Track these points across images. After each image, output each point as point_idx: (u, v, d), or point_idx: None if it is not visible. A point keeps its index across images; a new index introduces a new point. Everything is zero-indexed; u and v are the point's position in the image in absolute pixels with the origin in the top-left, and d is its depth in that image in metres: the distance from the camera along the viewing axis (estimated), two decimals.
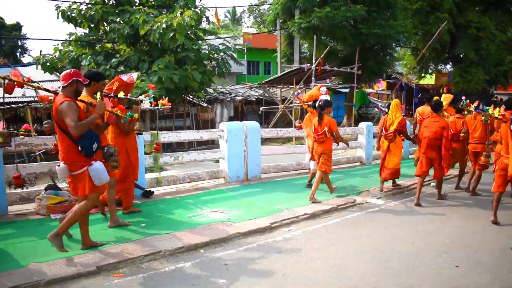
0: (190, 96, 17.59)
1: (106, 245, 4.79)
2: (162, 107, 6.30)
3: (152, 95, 5.88)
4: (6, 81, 4.26)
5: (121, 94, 5.26)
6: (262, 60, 32.87)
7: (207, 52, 16.14)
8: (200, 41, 16.64)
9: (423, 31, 22.55)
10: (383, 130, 8.13)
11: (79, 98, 4.53)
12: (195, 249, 4.90)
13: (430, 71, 25.68)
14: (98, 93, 4.86)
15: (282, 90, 22.49)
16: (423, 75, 25.04)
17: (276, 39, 23.90)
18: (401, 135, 8.03)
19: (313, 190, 7.18)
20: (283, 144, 16.55)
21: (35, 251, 4.55)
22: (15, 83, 4.30)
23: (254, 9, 48.27)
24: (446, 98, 9.18)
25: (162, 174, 8.07)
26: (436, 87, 27.80)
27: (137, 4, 15.96)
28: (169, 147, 16.74)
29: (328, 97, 7.80)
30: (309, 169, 9.93)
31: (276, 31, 22.67)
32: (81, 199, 4.58)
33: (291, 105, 19.34)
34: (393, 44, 20.88)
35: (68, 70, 4.51)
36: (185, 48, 14.97)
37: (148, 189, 7.24)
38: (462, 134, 8.01)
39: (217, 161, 9.20)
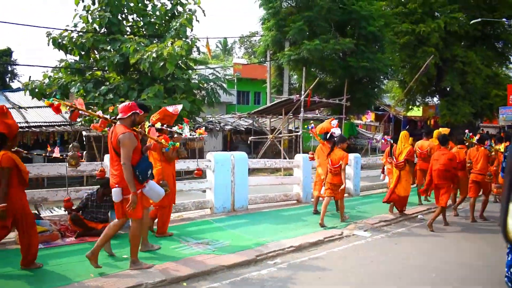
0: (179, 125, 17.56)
1: (87, 277, 4.65)
2: (200, 135, 6.65)
3: (186, 126, 6.28)
4: (72, 109, 4.66)
5: (158, 125, 5.75)
6: (252, 90, 33.20)
7: (197, 81, 16.27)
8: (190, 71, 16.80)
9: (410, 64, 23.07)
10: (394, 159, 8.74)
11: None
12: (178, 282, 4.79)
13: (417, 103, 26.14)
14: (147, 123, 5.43)
15: (272, 120, 22.64)
16: (410, 107, 25.45)
17: (266, 70, 24.23)
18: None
19: (322, 216, 7.59)
20: (272, 174, 16.52)
21: None
22: (80, 111, 4.71)
23: (245, 40, 49.07)
24: (443, 131, 9.99)
25: None
26: (423, 119, 28.23)
27: (128, 33, 16.14)
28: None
29: (339, 130, 8.60)
30: (297, 200, 10.03)
31: (266, 62, 23.00)
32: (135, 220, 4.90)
33: (280, 135, 19.43)
34: (381, 77, 21.30)
35: (127, 103, 4.91)
36: (175, 78, 15.09)
37: None
38: (468, 164, 8.66)
39: (204, 191, 9.12)
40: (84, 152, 6.13)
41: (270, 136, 18.44)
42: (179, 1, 16.76)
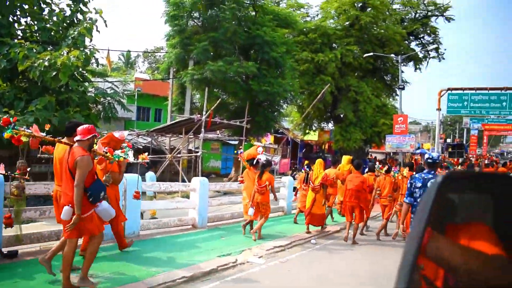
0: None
1: None
2: (142, 160, 6.83)
3: (129, 151, 6.28)
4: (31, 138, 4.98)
5: (95, 147, 5.66)
6: (153, 106, 32.28)
7: (93, 95, 15.36)
8: (86, 83, 15.82)
9: (308, 91, 24.20)
10: (311, 184, 9.99)
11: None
12: None
13: (313, 128, 27.42)
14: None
15: (171, 139, 22.14)
16: (307, 131, 26.62)
17: (168, 87, 23.75)
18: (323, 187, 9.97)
19: (259, 233, 8.71)
20: (169, 195, 16.01)
21: None
22: (36, 138, 5.01)
23: (150, 54, 47.99)
24: (345, 159, 11.44)
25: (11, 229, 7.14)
26: (319, 143, 29.68)
27: (19, 37, 14.79)
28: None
29: (265, 156, 9.90)
30: (192, 225, 9.82)
31: (169, 79, 22.56)
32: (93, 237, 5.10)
33: (179, 155, 19.03)
34: (281, 101, 21.98)
35: (87, 126, 5.13)
36: (69, 89, 14.07)
37: (10, 250, 6.29)
38: (378, 192, 10.06)
39: None
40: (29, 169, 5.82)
41: (169, 156, 17.95)
42: (79, 8, 15.78)
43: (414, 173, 8.76)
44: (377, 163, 13.37)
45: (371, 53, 23.75)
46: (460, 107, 37.03)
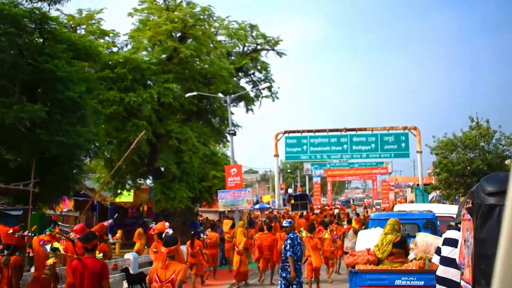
0: None
1: None
2: (116, 241, 9.65)
3: None
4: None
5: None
6: None
7: None
8: None
9: (119, 139, 23.80)
10: (236, 247, 16.85)
11: None
12: None
13: (128, 187, 26.93)
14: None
15: None
16: (119, 191, 25.98)
17: None
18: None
19: None
20: None
21: None
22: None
23: None
24: (227, 223, 18.44)
25: None
26: (135, 205, 29.21)
27: None
28: None
29: (171, 230, 11.92)
30: None
31: None
32: None
33: None
34: (83, 155, 21.09)
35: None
36: None
37: None
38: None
39: None
40: None
41: None
42: None
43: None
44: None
45: (195, 92, 24.62)
46: (300, 151, 40.77)
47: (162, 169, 25.80)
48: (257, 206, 39.67)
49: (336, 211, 46.55)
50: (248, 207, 25.36)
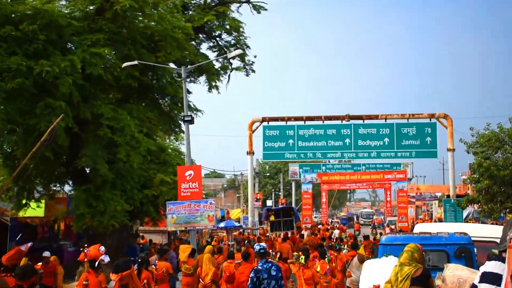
0: None
1: None
2: None
3: None
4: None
5: None
6: None
7: None
8: None
9: (25, 126, 23.38)
10: (202, 281, 17.21)
11: None
12: None
13: (37, 195, 26.60)
14: None
15: None
16: (25, 201, 25.62)
17: None
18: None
19: None
20: None
21: None
22: None
23: None
24: (184, 250, 18.35)
25: None
26: (47, 221, 28.81)
27: None
28: None
29: (108, 257, 13.20)
30: None
31: None
32: None
33: None
34: None
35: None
36: None
37: None
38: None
39: None
40: None
41: None
42: None
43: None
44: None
45: (135, 61, 24.28)
46: (284, 147, 40.82)
47: (88, 170, 25.50)
48: (222, 225, 39.49)
49: (336, 232, 46.64)
50: (210, 225, 25.04)
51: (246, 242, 29.62)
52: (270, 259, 13.20)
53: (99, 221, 23.62)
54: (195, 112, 29.76)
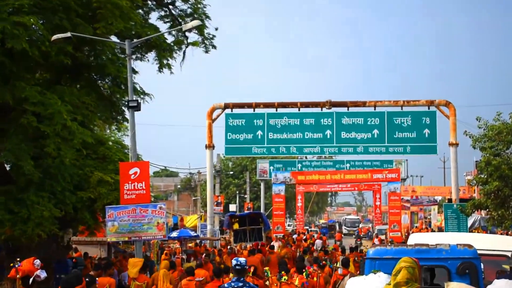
0: None
1: None
2: None
3: None
4: None
5: None
6: None
7: None
8: None
9: None
10: None
11: None
12: None
13: None
14: None
15: None
16: None
17: None
18: None
19: None
20: None
21: None
22: None
23: None
24: (134, 264, 19.10)
25: None
26: None
27: None
28: None
29: (44, 273, 13.30)
30: None
31: None
32: None
33: None
34: None
35: None
36: None
37: None
38: None
39: None
40: None
41: None
42: None
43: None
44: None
45: (68, 33, 24.12)
46: (250, 140, 40.84)
47: (8, 167, 25.31)
48: (175, 234, 39.45)
49: (318, 243, 46.79)
50: (159, 235, 24.96)
51: (204, 255, 29.63)
52: (244, 279, 12.05)
53: (22, 230, 23.35)
54: (142, 96, 29.58)
